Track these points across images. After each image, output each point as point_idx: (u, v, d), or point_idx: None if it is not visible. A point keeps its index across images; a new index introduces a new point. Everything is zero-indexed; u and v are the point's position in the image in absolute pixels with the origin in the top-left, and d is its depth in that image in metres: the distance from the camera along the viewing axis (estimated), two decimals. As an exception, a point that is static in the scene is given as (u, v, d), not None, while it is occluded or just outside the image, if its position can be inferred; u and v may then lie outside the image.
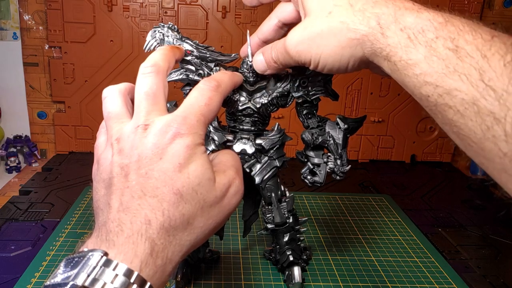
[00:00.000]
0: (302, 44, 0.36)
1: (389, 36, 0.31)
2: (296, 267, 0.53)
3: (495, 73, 0.25)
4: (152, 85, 0.33)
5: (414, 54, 0.29)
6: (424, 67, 0.29)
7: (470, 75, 0.26)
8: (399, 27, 0.31)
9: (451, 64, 0.27)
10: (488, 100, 0.25)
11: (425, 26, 0.30)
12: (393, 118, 0.99)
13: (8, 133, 0.93)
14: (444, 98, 0.28)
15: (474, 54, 0.26)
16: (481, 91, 0.26)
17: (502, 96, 0.25)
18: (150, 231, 0.28)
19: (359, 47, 0.34)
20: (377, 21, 0.32)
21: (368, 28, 0.32)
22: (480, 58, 0.26)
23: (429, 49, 0.29)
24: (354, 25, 0.33)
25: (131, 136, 0.31)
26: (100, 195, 0.31)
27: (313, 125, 0.49)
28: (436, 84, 0.28)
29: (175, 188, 0.29)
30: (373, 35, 0.32)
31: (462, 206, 0.81)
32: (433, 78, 0.28)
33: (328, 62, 0.36)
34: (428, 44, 0.29)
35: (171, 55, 0.37)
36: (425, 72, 0.29)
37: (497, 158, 0.26)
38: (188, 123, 0.31)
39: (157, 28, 0.45)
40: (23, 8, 0.88)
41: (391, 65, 0.32)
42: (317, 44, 0.35)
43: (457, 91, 0.27)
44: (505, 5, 0.95)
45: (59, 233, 0.64)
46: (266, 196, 0.50)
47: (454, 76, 0.27)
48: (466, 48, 0.27)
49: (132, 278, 0.26)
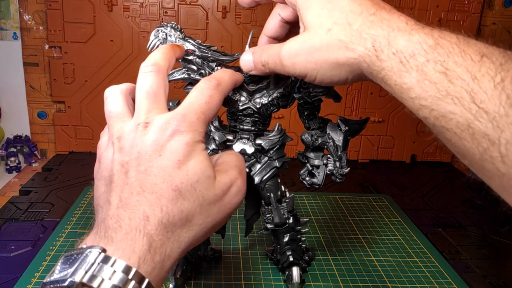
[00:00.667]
0: (299, 57, 0.37)
1: (384, 60, 0.31)
2: (296, 267, 0.53)
3: (486, 95, 0.25)
4: (152, 84, 0.33)
5: (408, 78, 0.30)
6: (418, 91, 0.29)
7: (462, 98, 0.26)
8: (392, 51, 0.31)
9: (443, 87, 0.28)
10: (482, 123, 0.25)
11: (415, 49, 0.30)
12: (393, 118, 0.99)
13: (8, 133, 0.93)
14: (441, 121, 0.28)
15: (465, 76, 0.27)
16: (474, 113, 0.26)
17: (494, 118, 0.25)
18: (148, 227, 0.28)
19: (357, 66, 0.34)
20: (372, 44, 0.32)
21: (365, 49, 0.33)
22: (470, 80, 0.26)
23: (421, 73, 0.29)
24: (352, 45, 0.33)
25: (132, 134, 0.31)
26: (100, 192, 0.31)
27: (314, 126, 0.49)
28: (431, 107, 0.28)
29: (173, 184, 0.29)
30: (369, 57, 0.32)
31: (462, 206, 0.81)
32: (427, 102, 0.29)
33: (326, 76, 0.36)
34: (420, 68, 0.29)
35: (172, 53, 0.37)
36: (419, 96, 0.29)
37: (496, 178, 0.26)
38: (188, 120, 0.31)
39: (160, 27, 0.45)
40: (23, 8, 0.88)
41: (388, 87, 0.32)
42: (315, 59, 0.36)
43: (451, 114, 0.27)
44: (505, 5, 0.95)
45: (59, 233, 0.64)
46: (265, 197, 0.50)
47: (447, 99, 0.27)
48: (456, 70, 0.27)
49: (130, 274, 0.26)
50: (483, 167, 0.27)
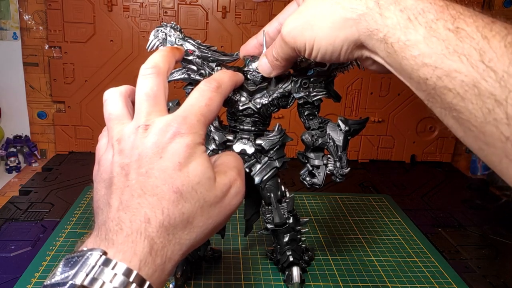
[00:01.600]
0: (296, 28, 0.36)
1: (388, 17, 0.31)
2: (296, 267, 0.53)
3: (495, 54, 0.25)
4: (152, 86, 0.33)
5: (413, 35, 0.29)
6: (422, 48, 0.28)
7: (470, 56, 0.26)
8: (399, 8, 0.30)
9: (450, 45, 0.27)
10: (489, 82, 0.25)
11: (426, 7, 0.29)
12: (393, 118, 0.99)
13: (8, 133, 0.93)
14: (443, 80, 0.27)
15: (475, 35, 0.26)
16: (481, 72, 0.25)
17: (503, 77, 0.24)
18: (150, 230, 0.28)
19: (354, 28, 0.33)
20: (376, 1, 0.32)
21: (366, 8, 0.32)
22: (480, 39, 0.26)
23: (429, 30, 0.28)
24: (351, 5, 0.33)
25: (132, 137, 0.31)
26: (100, 195, 0.31)
27: (314, 126, 0.49)
28: (435, 65, 0.28)
29: (174, 186, 0.29)
30: (370, 15, 0.32)
31: (462, 206, 0.81)
32: (432, 60, 0.28)
33: (322, 45, 0.35)
34: (428, 25, 0.28)
35: (171, 56, 0.37)
36: (423, 53, 0.28)
37: (498, 143, 0.25)
38: (188, 122, 0.31)
39: (160, 27, 0.45)
40: (23, 8, 0.88)
41: (387, 47, 0.31)
42: (311, 26, 0.35)
43: (456, 72, 0.26)
44: (505, 5, 0.95)
45: (59, 233, 0.64)
46: (265, 197, 0.50)
47: (453, 57, 0.27)
48: (466, 29, 0.27)
49: (131, 277, 0.26)
50: (484, 132, 0.26)
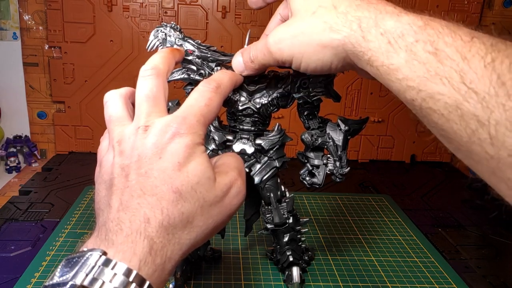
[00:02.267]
0: (284, 41, 0.37)
1: (370, 40, 0.31)
2: (295, 267, 0.53)
3: (476, 75, 0.25)
4: (152, 87, 0.33)
5: (395, 59, 0.29)
6: (405, 72, 0.29)
7: (451, 78, 0.26)
8: (379, 31, 0.31)
9: (432, 68, 0.27)
10: (471, 103, 0.25)
11: (404, 30, 0.30)
12: (393, 118, 0.99)
13: (8, 133, 0.93)
14: (428, 102, 0.28)
15: (455, 57, 0.26)
16: (463, 94, 0.25)
17: (484, 98, 0.24)
18: (149, 230, 0.28)
19: (341, 48, 0.34)
20: (359, 24, 0.32)
21: (350, 30, 0.33)
22: (460, 60, 0.26)
23: (410, 53, 0.29)
24: (337, 26, 0.33)
25: (132, 138, 0.31)
26: (101, 196, 0.31)
27: (314, 126, 0.49)
28: (418, 88, 0.28)
29: (174, 186, 0.29)
30: (354, 37, 0.32)
31: (462, 206, 0.81)
32: (415, 83, 0.28)
33: (311, 61, 0.36)
34: (408, 48, 0.29)
35: (171, 57, 0.37)
36: (407, 77, 0.29)
37: (484, 161, 0.25)
38: (188, 123, 0.31)
39: (159, 27, 0.45)
40: (23, 8, 0.88)
41: (373, 69, 0.32)
42: (300, 42, 0.36)
43: (440, 94, 0.27)
44: (505, 5, 0.95)
45: (59, 233, 0.64)
46: (265, 196, 0.50)
47: (435, 79, 0.27)
48: (446, 50, 0.27)
49: (131, 277, 0.26)
50: (471, 151, 0.26)
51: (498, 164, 0.25)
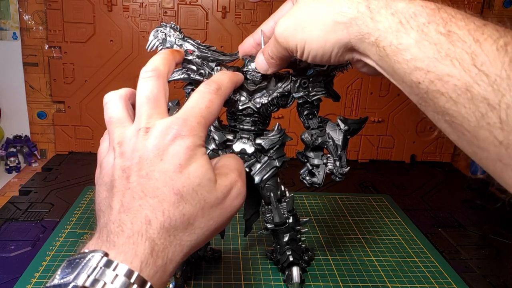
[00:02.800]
0: (288, 29, 0.37)
1: (379, 21, 0.31)
2: (295, 267, 0.53)
3: (487, 58, 0.25)
4: (152, 89, 0.33)
5: (405, 39, 0.29)
6: (415, 52, 0.28)
7: (462, 60, 0.26)
8: (390, 12, 0.30)
9: (442, 49, 0.27)
10: (481, 86, 0.24)
11: (417, 11, 0.29)
12: (393, 118, 0.99)
13: (8, 133, 0.93)
14: (436, 84, 0.27)
15: (467, 39, 0.26)
16: (473, 76, 0.25)
17: (495, 81, 0.24)
18: (151, 231, 0.28)
19: (345, 32, 0.33)
20: (367, 6, 0.31)
21: (357, 12, 0.32)
22: (472, 43, 0.26)
23: (421, 34, 0.28)
24: (342, 9, 0.33)
25: (133, 139, 0.31)
26: (102, 197, 0.31)
27: (314, 126, 0.49)
28: (427, 69, 0.28)
29: (175, 188, 0.29)
30: (361, 19, 0.32)
31: (462, 206, 0.81)
32: (424, 64, 0.28)
33: (313, 47, 0.36)
34: (420, 29, 0.28)
35: (171, 58, 0.37)
36: (416, 57, 0.28)
37: (491, 147, 0.25)
38: (189, 125, 0.31)
39: (159, 28, 0.45)
40: (23, 8, 0.88)
41: (379, 51, 0.31)
42: (302, 28, 0.35)
43: (449, 76, 0.26)
44: (505, 5, 0.95)
45: (59, 233, 0.64)
46: (265, 196, 0.50)
47: (445, 61, 0.26)
48: (458, 33, 0.26)
49: (133, 278, 0.26)
50: (477, 136, 0.25)
51: (507, 150, 0.24)
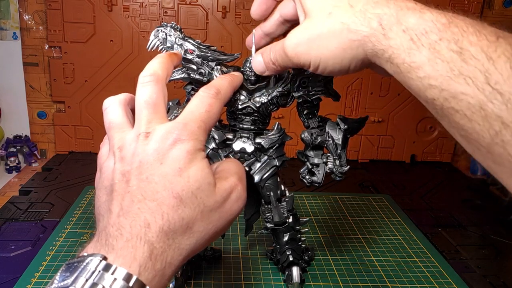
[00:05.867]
0: (301, 45, 0.36)
1: (391, 38, 0.30)
2: (295, 267, 0.53)
3: (501, 76, 0.25)
4: (151, 93, 0.33)
5: (418, 57, 0.29)
6: (428, 70, 0.28)
7: (475, 78, 0.26)
8: (401, 28, 0.30)
9: (455, 67, 0.27)
10: (495, 104, 0.25)
11: (428, 27, 0.29)
12: (393, 118, 0.99)
13: (8, 133, 0.93)
14: (450, 102, 0.27)
15: (479, 56, 0.26)
16: (487, 94, 0.25)
17: (509, 99, 0.24)
18: (149, 235, 0.28)
19: (361, 49, 0.33)
20: (379, 22, 0.31)
21: (370, 29, 0.32)
22: (485, 61, 0.25)
23: (433, 52, 0.28)
24: (355, 26, 0.32)
25: (133, 144, 0.31)
26: (101, 201, 0.31)
27: (314, 125, 0.49)
28: (441, 87, 0.27)
29: (174, 191, 0.29)
30: (374, 36, 0.31)
31: (462, 206, 0.81)
32: (438, 82, 0.28)
33: (329, 64, 0.35)
34: (432, 46, 0.28)
35: (169, 62, 0.37)
36: (429, 75, 0.28)
37: (506, 162, 0.25)
38: (189, 129, 0.31)
39: (160, 27, 0.45)
40: (23, 8, 0.88)
41: (394, 67, 0.31)
42: (317, 45, 0.35)
43: (463, 94, 0.26)
44: (505, 5, 0.95)
45: (59, 233, 0.64)
46: (265, 195, 0.50)
47: (459, 79, 0.26)
48: (470, 49, 0.26)
49: (131, 282, 0.26)
50: (492, 152, 0.26)
51: None
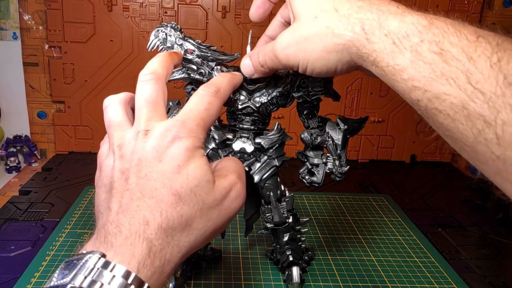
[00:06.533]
0: (290, 48, 0.37)
1: (375, 42, 0.31)
2: (295, 267, 0.53)
3: (482, 75, 0.25)
4: (151, 92, 0.33)
5: (401, 59, 0.29)
6: (411, 72, 0.29)
7: (457, 79, 0.26)
8: (384, 32, 0.31)
9: (437, 68, 0.27)
10: (477, 103, 0.25)
11: (409, 30, 0.29)
12: (393, 118, 0.99)
13: (8, 133, 0.93)
14: (434, 102, 0.28)
15: (460, 57, 0.26)
16: (469, 94, 0.25)
17: (490, 98, 0.24)
18: (148, 232, 0.28)
19: (345, 52, 0.34)
20: (362, 27, 0.32)
21: (353, 33, 0.33)
22: (466, 61, 0.26)
23: (415, 54, 0.29)
24: (339, 31, 0.33)
25: (132, 142, 0.31)
26: (101, 199, 0.31)
27: (314, 125, 0.49)
28: (424, 88, 0.28)
29: (173, 189, 0.29)
30: (358, 40, 0.32)
31: (462, 206, 0.81)
32: (421, 83, 0.28)
33: (316, 66, 0.36)
34: (414, 49, 0.29)
35: (169, 61, 0.37)
36: (412, 77, 0.29)
37: (490, 161, 0.25)
38: (188, 127, 0.31)
39: (160, 27, 0.45)
40: (23, 8, 0.88)
41: (379, 70, 0.32)
42: (304, 48, 0.36)
43: (445, 95, 0.27)
44: (505, 5, 0.95)
45: (59, 233, 0.64)
46: (265, 195, 0.50)
47: (441, 80, 0.27)
48: (451, 50, 0.27)
49: (130, 279, 0.26)
50: (476, 151, 0.26)
51: (504, 164, 0.24)
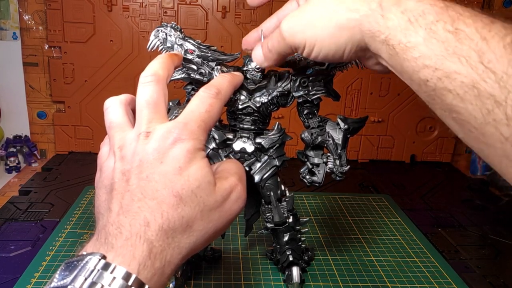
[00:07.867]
0: (297, 25, 0.36)
1: (389, 19, 0.31)
2: (295, 267, 0.53)
3: (494, 55, 0.25)
4: (152, 93, 0.33)
5: (414, 37, 0.29)
6: (423, 50, 0.29)
7: (469, 57, 0.26)
8: (400, 10, 0.31)
9: (450, 47, 0.27)
10: (488, 83, 0.25)
11: (426, 9, 0.29)
12: (393, 118, 0.99)
13: (8, 133, 0.93)
14: (443, 81, 0.28)
15: (474, 36, 0.26)
16: (480, 73, 0.25)
17: (502, 78, 0.24)
18: (149, 233, 0.28)
19: (357, 28, 0.33)
20: (379, 3, 0.32)
21: (369, 9, 0.32)
22: (479, 40, 0.26)
23: (429, 32, 0.29)
24: (355, 5, 0.33)
25: (133, 143, 0.31)
26: (101, 200, 0.31)
27: (314, 125, 0.49)
28: (435, 67, 0.28)
29: (174, 190, 0.29)
30: (372, 16, 0.32)
31: (462, 206, 0.81)
32: (432, 61, 0.28)
33: (324, 45, 0.35)
34: (428, 27, 0.29)
35: (170, 62, 0.37)
36: (424, 55, 0.29)
37: (498, 143, 0.25)
38: (189, 129, 0.31)
39: (160, 27, 0.45)
40: (23, 8, 0.88)
41: (389, 49, 0.31)
42: (313, 25, 0.35)
43: (456, 74, 0.27)
44: (505, 5, 0.95)
45: (59, 233, 0.64)
46: (265, 195, 0.50)
47: (453, 58, 0.27)
48: (466, 30, 0.27)
49: (130, 280, 0.26)
50: (484, 133, 0.26)
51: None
